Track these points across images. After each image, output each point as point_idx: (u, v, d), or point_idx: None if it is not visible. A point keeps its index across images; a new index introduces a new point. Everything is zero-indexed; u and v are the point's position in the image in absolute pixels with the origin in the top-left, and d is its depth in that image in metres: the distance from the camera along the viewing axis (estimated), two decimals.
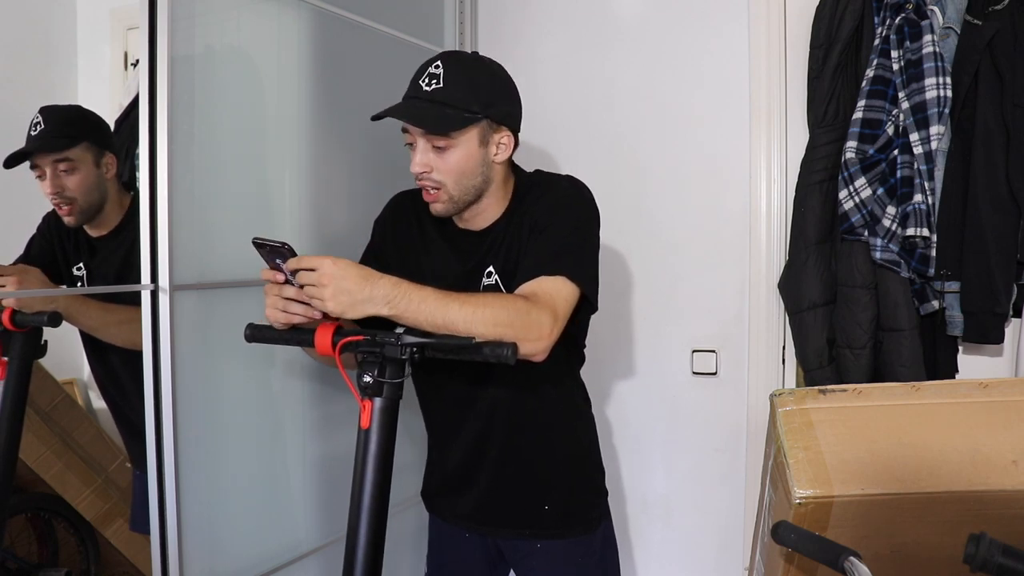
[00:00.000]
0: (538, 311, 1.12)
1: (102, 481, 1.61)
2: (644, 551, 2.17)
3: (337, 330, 1.09)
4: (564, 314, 1.16)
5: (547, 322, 1.11)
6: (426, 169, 1.22)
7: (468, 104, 1.20)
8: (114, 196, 1.44)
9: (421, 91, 1.22)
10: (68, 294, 1.40)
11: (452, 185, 1.23)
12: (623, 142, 2.13)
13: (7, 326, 1.32)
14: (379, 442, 1.07)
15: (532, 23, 2.23)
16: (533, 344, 1.10)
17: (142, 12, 1.29)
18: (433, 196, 1.25)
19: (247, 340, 1.18)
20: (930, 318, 1.74)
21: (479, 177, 1.25)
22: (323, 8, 1.66)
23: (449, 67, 1.22)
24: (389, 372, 1.06)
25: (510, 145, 1.28)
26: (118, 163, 1.43)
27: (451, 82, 1.21)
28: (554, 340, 1.13)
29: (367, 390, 1.06)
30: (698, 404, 2.07)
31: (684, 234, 2.06)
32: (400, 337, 1.04)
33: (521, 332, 1.08)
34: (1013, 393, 1.05)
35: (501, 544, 1.43)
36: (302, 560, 1.61)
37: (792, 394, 1.09)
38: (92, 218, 1.43)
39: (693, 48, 2.05)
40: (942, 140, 1.66)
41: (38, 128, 1.32)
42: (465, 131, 1.21)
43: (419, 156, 1.22)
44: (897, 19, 1.69)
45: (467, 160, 1.23)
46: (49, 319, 1.34)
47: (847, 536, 0.98)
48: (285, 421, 1.59)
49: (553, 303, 1.14)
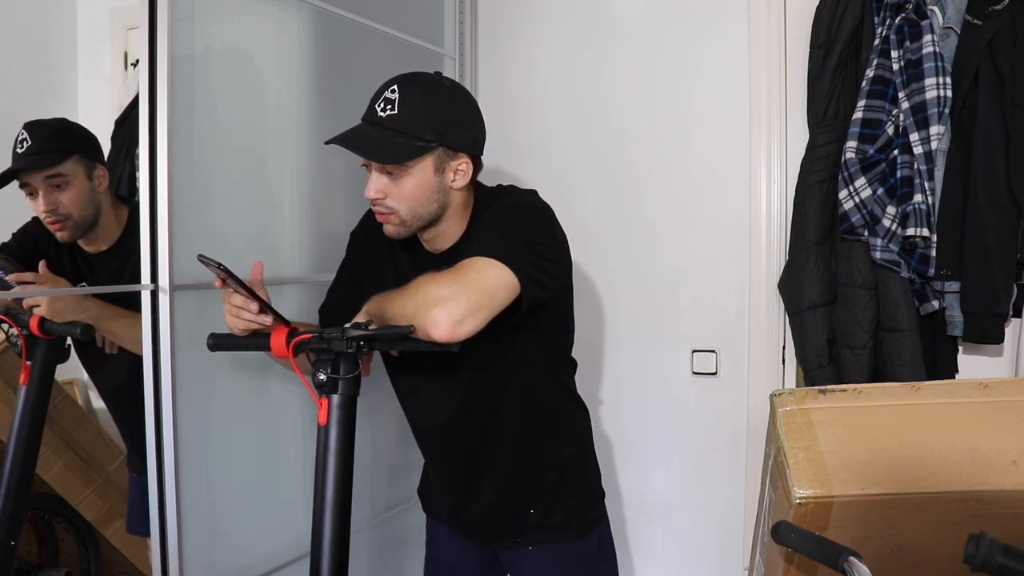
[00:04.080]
0: (437, 284, 1.08)
1: (102, 481, 1.61)
2: (644, 551, 2.17)
3: (291, 332, 1.14)
4: (484, 288, 1.08)
5: (446, 293, 1.05)
6: (380, 196, 1.21)
7: (422, 132, 1.18)
8: (108, 209, 1.41)
9: (376, 116, 1.19)
10: (69, 294, 1.40)
11: (406, 211, 1.22)
12: (623, 142, 2.13)
13: (35, 332, 1.31)
14: (338, 438, 1.10)
15: (532, 23, 2.23)
16: (427, 315, 1.05)
17: (142, 12, 1.28)
18: (385, 218, 1.23)
19: (210, 349, 1.21)
20: (930, 318, 1.73)
21: (434, 204, 1.23)
22: (323, 8, 1.66)
23: (405, 92, 1.19)
24: (343, 368, 1.09)
25: (468, 172, 1.25)
26: (109, 176, 1.40)
27: (406, 108, 1.18)
28: (461, 313, 1.05)
29: (323, 387, 1.10)
30: (698, 404, 2.07)
31: (684, 234, 2.06)
32: (345, 331, 1.08)
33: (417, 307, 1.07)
34: (1013, 393, 1.05)
35: (495, 549, 1.43)
36: (302, 560, 1.60)
37: (792, 394, 1.09)
38: (86, 233, 1.40)
39: (693, 48, 2.05)
40: (942, 140, 1.66)
41: (24, 145, 1.28)
42: (418, 160, 1.19)
43: (373, 182, 1.21)
44: (897, 19, 1.69)
45: (420, 188, 1.20)
46: (82, 332, 1.32)
47: (847, 536, 0.98)
48: (284, 421, 1.59)
49: (463, 275, 1.09)
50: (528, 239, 1.17)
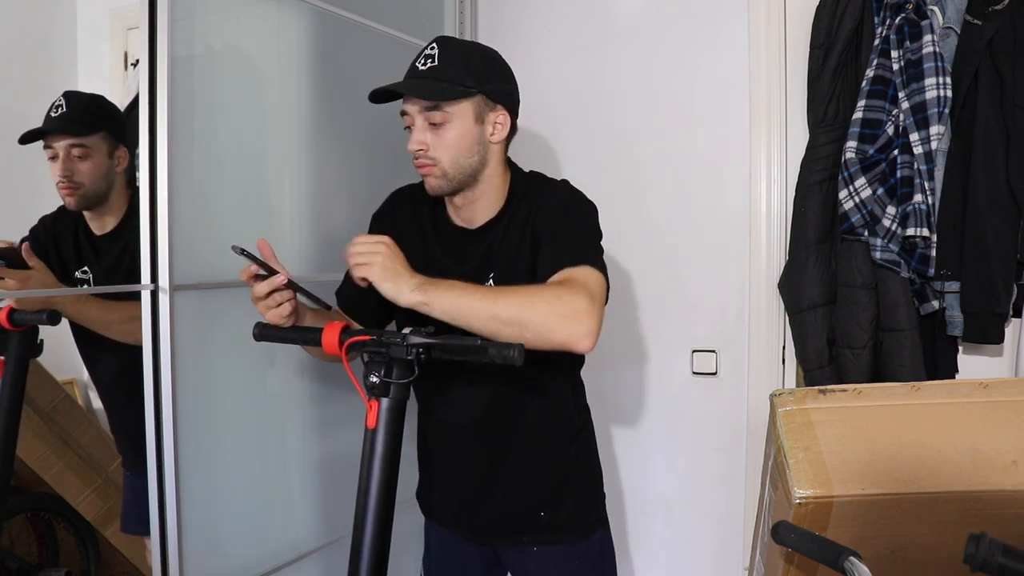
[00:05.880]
0: (572, 295, 1.08)
1: (102, 481, 1.61)
2: (644, 551, 2.17)
3: (344, 329, 1.08)
4: (601, 298, 1.14)
5: (584, 306, 1.07)
6: (422, 147, 1.23)
7: (462, 79, 1.22)
8: (120, 189, 1.45)
9: (416, 71, 1.23)
10: (69, 294, 1.40)
11: (448, 162, 1.23)
12: (623, 142, 2.13)
13: (4, 325, 1.31)
14: (386, 442, 1.06)
15: (532, 23, 2.23)
16: (571, 327, 1.06)
17: (142, 12, 1.29)
18: (428, 170, 1.24)
19: (256, 339, 1.17)
20: (930, 318, 1.73)
21: (475, 156, 1.25)
22: (323, 8, 1.66)
23: (444, 47, 1.23)
24: (396, 373, 1.05)
25: (506, 125, 1.28)
26: (129, 158, 1.44)
27: (445, 59, 1.22)
28: (598, 324, 1.09)
29: (373, 390, 1.05)
30: (698, 404, 2.07)
31: (684, 234, 2.06)
32: (406, 337, 1.03)
33: (560, 318, 1.06)
34: (1013, 393, 1.05)
35: (498, 549, 1.43)
36: (302, 560, 1.61)
37: (792, 394, 1.09)
38: (94, 206, 1.44)
39: (693, 48, 2.05)
40: (942, 140, 1.66)
41: (59, 111, 1.34)
42: (459, 103, 1.21)
43: (416, 134, 1.23)
44: (897, 19, 1.69)
45: (463, 137, 1.23)
46: (48, 317, 1.34)
47: (847, 536, 0.98)
48: (285, 421, 1.59)
49: (587, 286, 1.11)
50: (599, 244, 1.26)
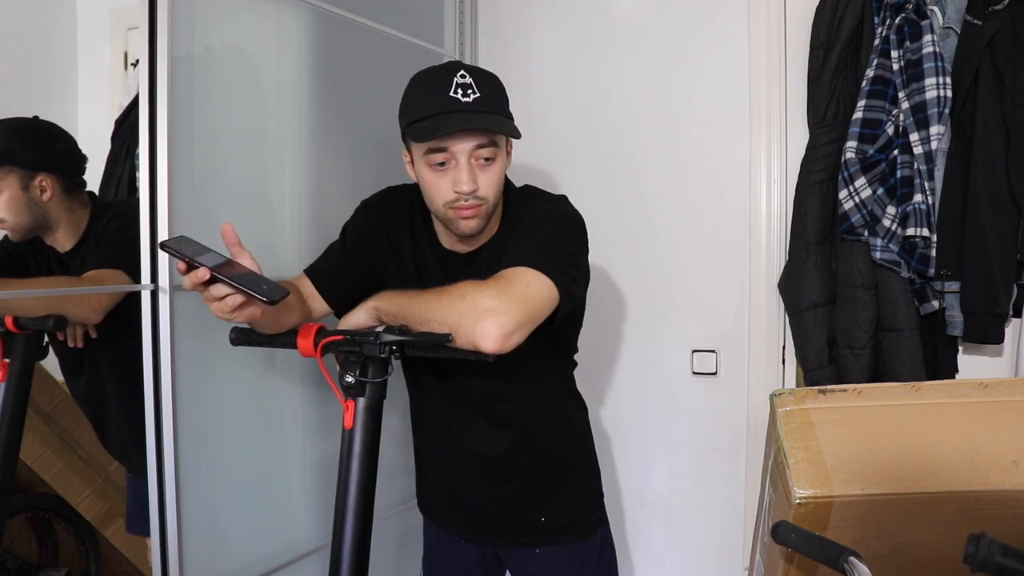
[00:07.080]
0: (478, 293, 1.05)
1: (102, 481, 1.61)
2: (644, 551, 2.17)
3: (319, 331, 1.11)
4: (526, 298, 1.07)
5: (491, 304, 1.03)
6: (476, 187, 1.16)
7: (507, 110, 1.18)
8: (62, 212, 1.38)
9: (459, 104, 1.13)
10: (68, 294, 1.40)
11: (493, 201, 1.19)
12: (623, 142, 2.13)
13: (10, 328, 1.32)
14: (363, 442, 1.08)
15: (532, 23, 2.23)
16: (472, 328, 1.02)
17: (142, 12, 1.29)
18: (475, 211, 1.17)
19: (232, 344, 1.19)
20: (930, 318, 1.73)
21: (502, 189, 1.22)
22: (323, 8, 1.66)
23: (475, 75, 1.16)
24: (371, 371, 1.07)
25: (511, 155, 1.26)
26: (58, 181, 1.36)
27: (484, 90, 1.15)
28: (510, 324, 1.03)
29: (350, 390, 1.07)
30: (698, 404, 2.07)
31: (684, 234, 2.06)
32: (379, 335, 1.05)
33: (461, 317, 1.03)
34: (1013, 393, 1.05)
35: (499, 550, 1.43)
36: (302, 560, 1.61)
37: (792, 394, 1.09)
38: (38, 233, 1.39)
39: (693, 48, 2.05)
40: (942, 140, 1.66)
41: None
42: (504, 137, 1.18)
43: (465, 173, 1.14)
44: (897, 19, 1.69)
45: (503, 172, 1.20)
46: (54, 323, 1.33)
47: (847, 536, 0.98)
48: (284, 421, 1.59)
49: (509, 285, 1.06)
50: (568, 251, 1.18)
